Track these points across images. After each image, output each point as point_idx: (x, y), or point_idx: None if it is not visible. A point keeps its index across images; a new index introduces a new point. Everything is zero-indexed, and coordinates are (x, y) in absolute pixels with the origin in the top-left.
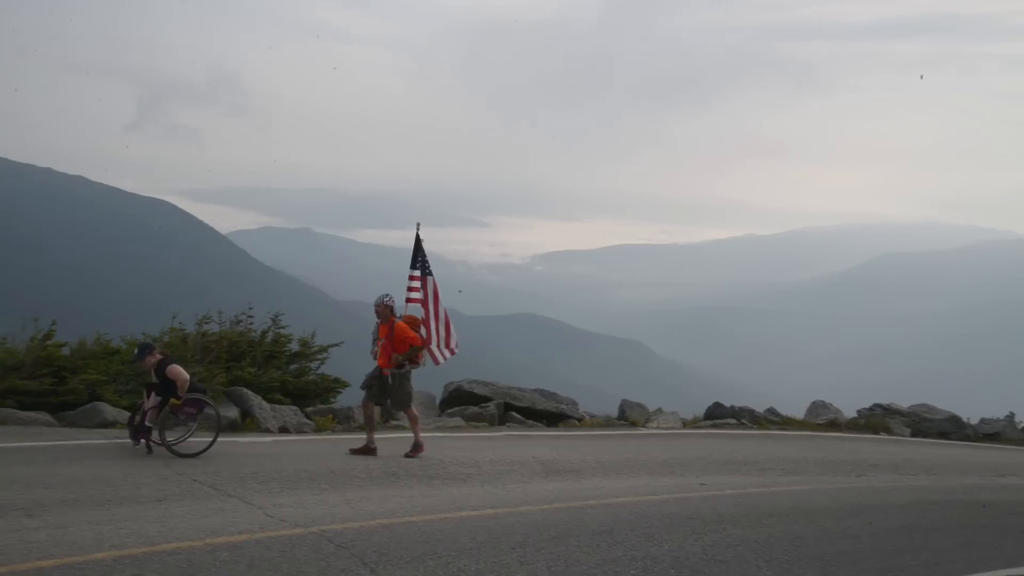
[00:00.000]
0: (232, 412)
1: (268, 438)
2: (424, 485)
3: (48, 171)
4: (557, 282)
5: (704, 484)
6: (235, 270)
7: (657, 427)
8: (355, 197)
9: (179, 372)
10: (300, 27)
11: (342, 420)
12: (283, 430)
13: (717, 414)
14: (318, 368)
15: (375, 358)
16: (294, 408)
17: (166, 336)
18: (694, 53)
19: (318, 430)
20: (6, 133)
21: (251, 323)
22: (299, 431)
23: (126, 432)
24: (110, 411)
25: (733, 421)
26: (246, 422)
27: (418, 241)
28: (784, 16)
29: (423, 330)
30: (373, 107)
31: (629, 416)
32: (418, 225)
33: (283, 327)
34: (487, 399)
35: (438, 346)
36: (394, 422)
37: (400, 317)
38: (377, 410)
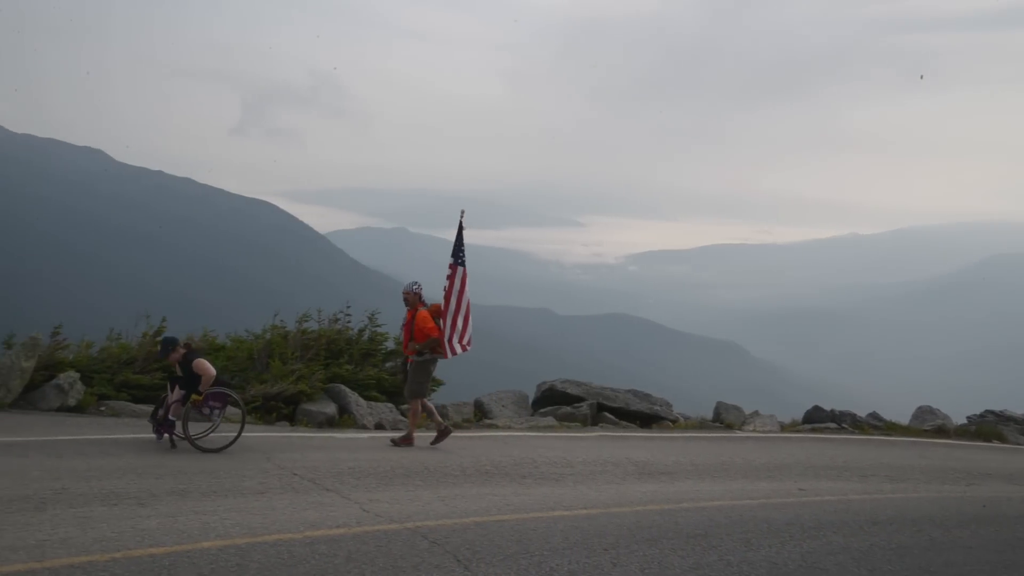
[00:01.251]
0: (330, 408)
1: (364, 434)
2: (517, 484)
3: (159, 173)
4: (651, 282)
5: (803, 489)
6: (333, 269)
7: (753, 430)
8: (450, 197)
9: (205, 367)
10: (399, 30)
11: None
12: (379, 427)
13: (816, 418)
14: None
15: (402, 345)
16: (389, 405)
17: (268, 334)
18: (799, 47)
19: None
20: (121, 138)
21: (348, 321)
22: (394, 428)
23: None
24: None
25: (833, 426)
26: (343, 418)
27: (460, 229)
28: (896, 8)
29: (441, 322)
30: (470, 108)
31: (724, 419)
32: (462, 213)
33: (379, 326)
34: (580, 399)
35: (451, 339)
36: (487, 421)
37: (427, 306)
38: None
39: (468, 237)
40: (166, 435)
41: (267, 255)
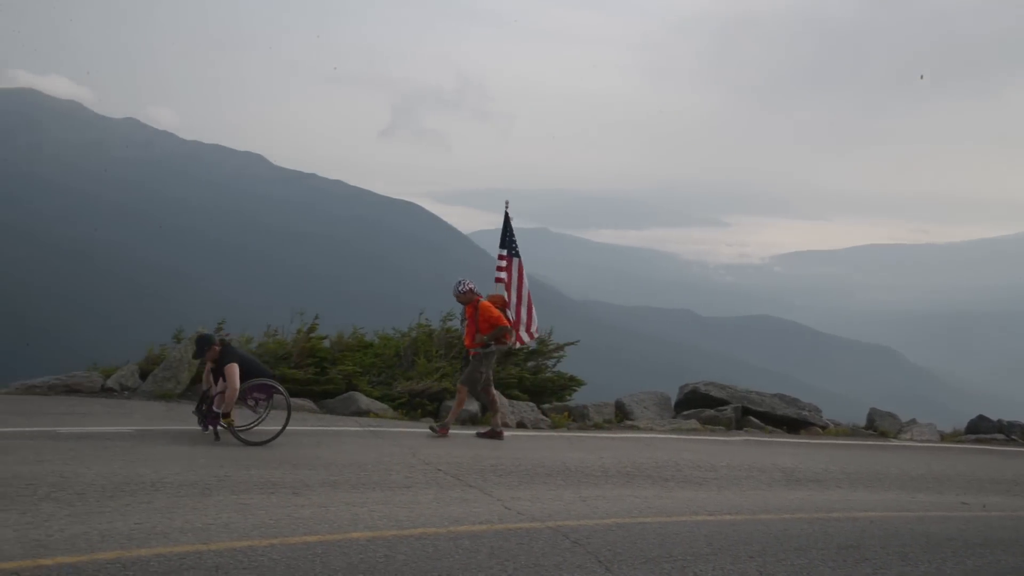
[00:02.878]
0: (473, 406)
1: (507, 432)
2: (659, 487)
3: (313, 176)
4: (798, 284)
5: (966, 503)
6: (476, 269)
7: (911, 439)
8: (591, 197)
9: (232, 379)
10: (543, 31)
11: (578, 418)
12: (520, 425)
13: (981, 428)
14: (554, 366)
15: (463, 339)
16: (531, 404)
17: (413, 332)
18: (963, 36)
19: (554, 427)
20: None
21: None
22: (535, 427)
23: (380, 421)
24: (364, 401)
25: (1001, 437)
26: (485, 416)
27: (507, 220)
28: None
29: (508, 312)
30: (612, 106)
31: (878, 426)
32: (507, 203)
33: None
34: (724, 402)
35: (518, 329)
36: (628, 422)
37: (485, 296)
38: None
39: (609, 238)
40: (211, 427)
41: (413, 255)
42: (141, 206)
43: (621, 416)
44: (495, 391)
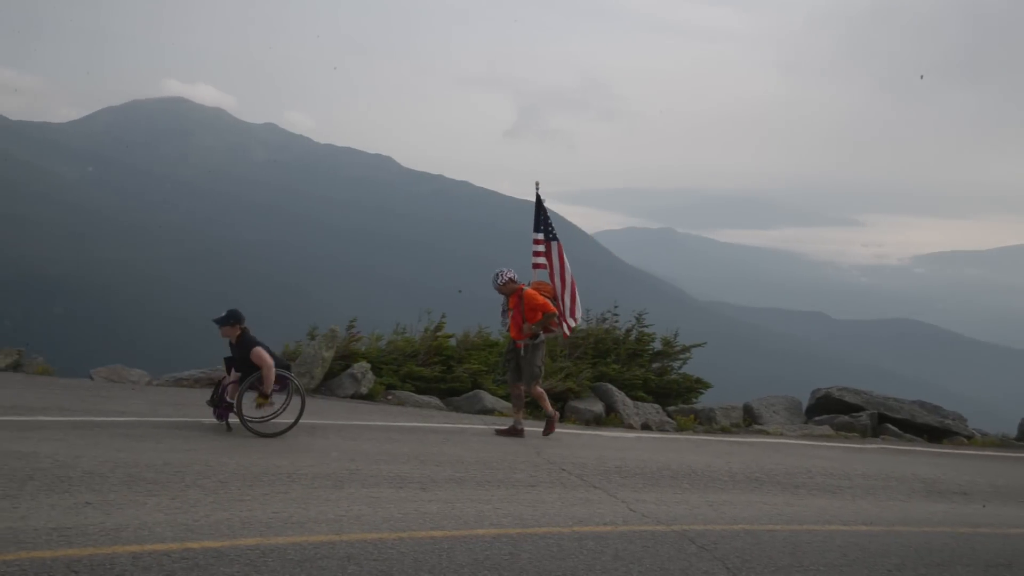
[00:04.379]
0: (597, 407)
1: (631, 434)
2: (789, 494)
3: (440, 177)
4: (941, 286)
5: None
6: (600, 270)
7: None
8: (718, 197)
9: (263, 357)
10: (669, 27)
11: (704, 421)
12: (645, 427)
13: None
14: (680, 368)
15: (506, 331)
16: (656, 406)
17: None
18: None
19: (679, 429)
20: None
21: (616, 321)
22: (660, 429)
23: (504, 420)
24: (489, 399)
25: None
26: (610, 417)
27: (539, 202)
28: None
29: (552, 301)
30: (739, 104)
31: None
32: (537, 184)
33: (646, 326)
34: (858, 408)
35: (564, 316)
36: (756, 426)
37: (528, 284)
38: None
39: (736, 238)
40: (225, 419)
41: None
42: (278, 207)
43: (749, 420)
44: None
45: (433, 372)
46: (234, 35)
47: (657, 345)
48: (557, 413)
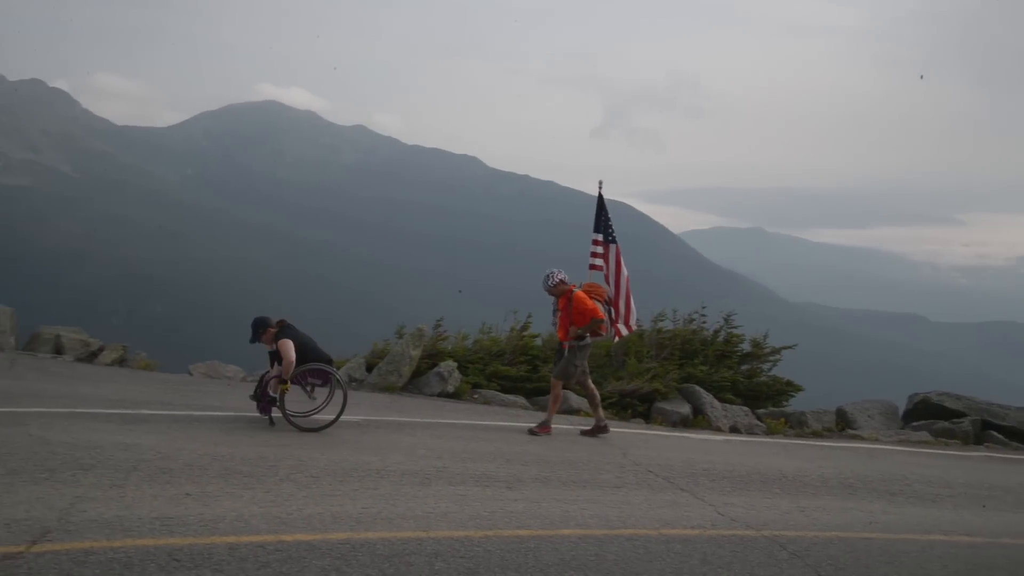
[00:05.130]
0: (684, 408)
1: (719, 436)
2: (885, 501)
3: (525, 177)
4: None
5: None
6: (687, 270)
7: None
8: (810, 195)
9: (287, 350)
10: (756, 24)
11: (795, 424)
12: (733, 430)
13: None
14: (770, 370)
15: (555, 330)
16: (745, 408)
17: None
18: None
19: (769, 432)
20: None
21: (704, 322)
22: (749, 432)
23: (590, 420)
24: (574, 399)
25: None
26: (697, 419)
27: (601, 202)
28: None
29: (603, 305)
30: (832, 100)
31: None
32: (600, 183)
33: (735, 327)
34: (959, 414)
35: (616, 321)
36: (850, 431)
37: (580, 286)
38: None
39: (828, 237)
40: (266, 413)
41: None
42: (368, 207)
43: (842, 425)
44: (592, 384)
45: (519, 371)
46: (324, 39)
47: (746, 346)
48: (551, 429)
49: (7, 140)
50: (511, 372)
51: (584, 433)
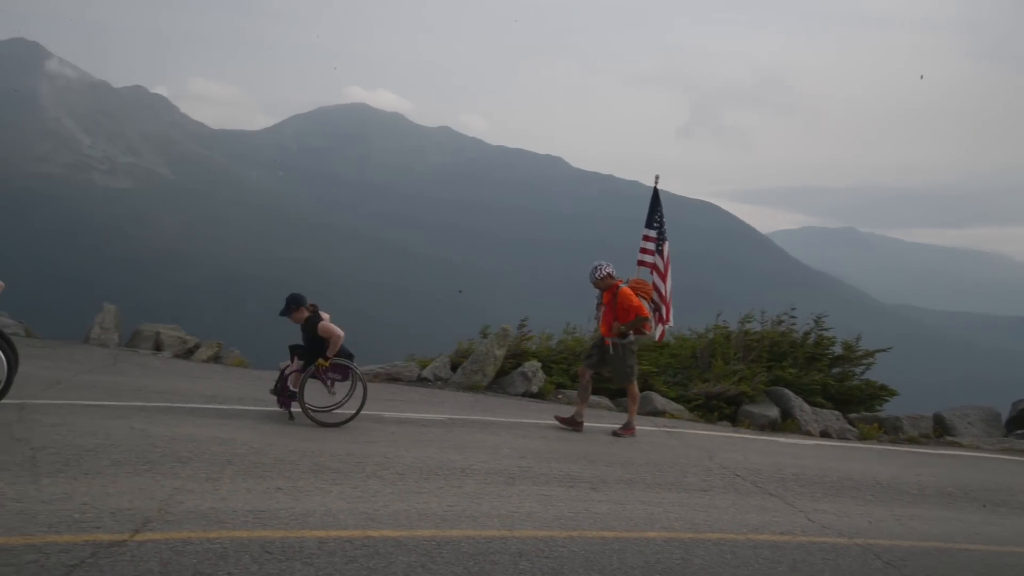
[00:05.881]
0: (773, 412)
1: (808, 441)
2: (988, 512)
3: (609, 177)
4: None
5: None
6: (776, 270)
7: None
8: (905, 194)
9: (331, 329)
10: (847, 18)
11: (889, 430)
12: (824, 434)
13: None
14: (862, 373)
15: (597, 324)
16: (836, 413)
17: (710, 333)
18: None
19: (862, 438)
20: (576, 145)
21: (793, 324)
22: (841, 437)
23: (675, 422)
24: (660, 400)
25: None
26: (786, 422)
27: (656, 197)
28: None
29: (648, 303)
30: (927, 95)
31: None
32: (656, 178)
33: (826, 329)
34: None
35: (662, 319)
36: (949, 438)
37: (626, 281)
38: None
39: (925, 237)
40: (287, 408)
41: (710, 256)
42: (452, 208)
43: (940, 431)
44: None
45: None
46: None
47: (837, 349)
48: (636, 431)
49: (112, 144)
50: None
51: (560, 420)
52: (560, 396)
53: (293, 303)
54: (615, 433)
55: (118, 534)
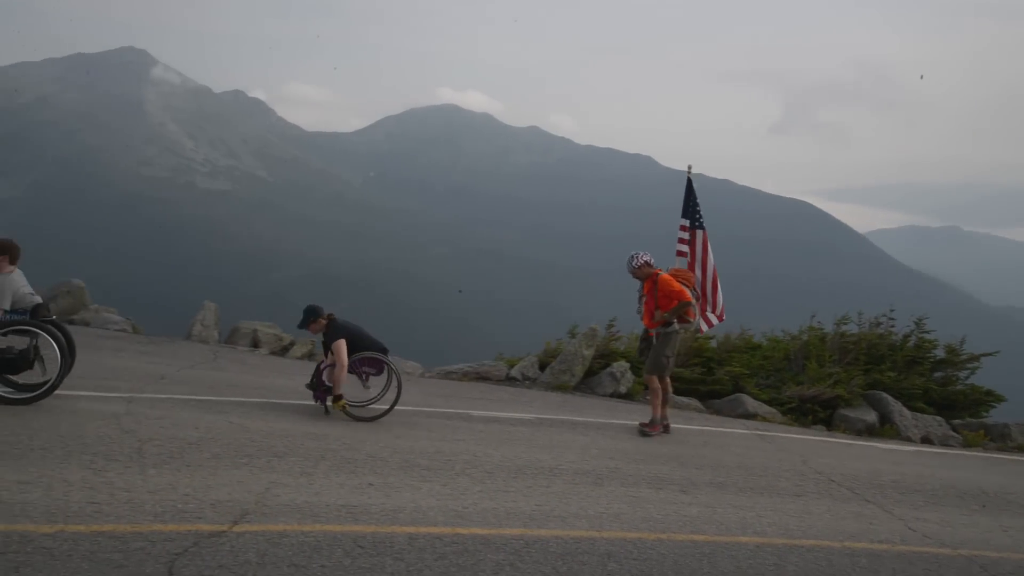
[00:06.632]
0: (870, 416)
1: (908, 447)
2: None
3: (699, 176)
4: None
5: None
6: (874, 270)
7: None
8: (1013, 191)
9: (340, 354)
10: (951, 9)
11: (996, 437)
12: (925, 440)
13: None
14: (967, 378)
15: (640, 317)
16: (938, 419)
17: (804, 334)
18: None
19: (966, 445)
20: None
21: (892, 326)
22: (943, 443)
23: (767, 425)
24: (751, 403)
25: None
26: (885, 428)
27: (690, 187)
28: None
29: (690, 290)
30: None
31: None
32: (689, 168)
33: (927, 332)
34: None
35: (704, 310)
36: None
37: (665, 270)
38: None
39: None
40: (320, 401)
41: (803, 255)
42: (541, 208)
43: None
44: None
45: (693, 373)
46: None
47: (940, 353)
48: (667, 423)
49: (213, 148)
50: (685, 374)
51: (643, 427)
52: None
53: (311, 315)
54: (642, 432)
55: (218, 525)
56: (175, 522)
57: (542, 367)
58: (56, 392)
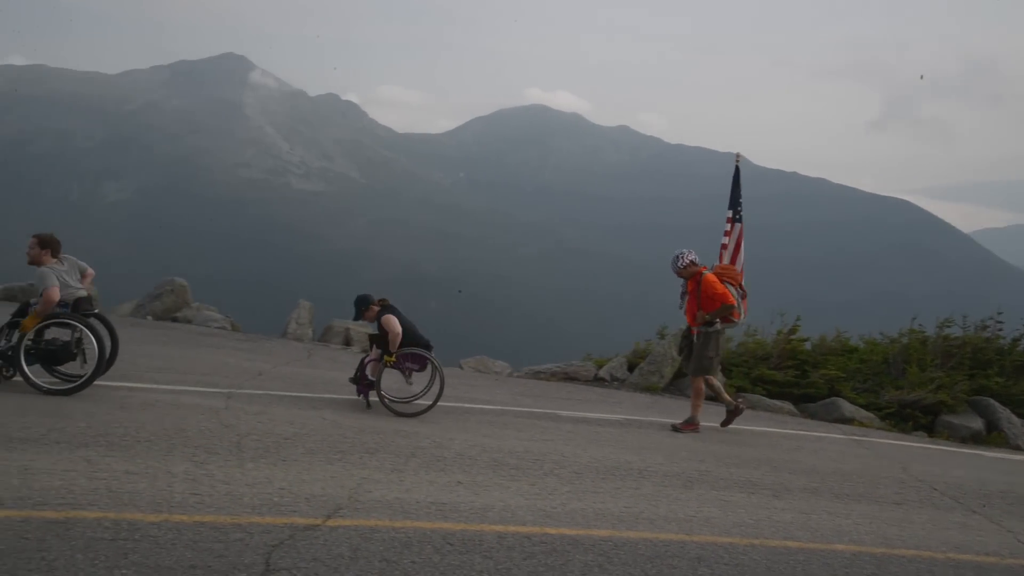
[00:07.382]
0: (975, 423)
1: (1018, 456)
2: None
3: (793, 175)
4: None
5: None
6: (980, 272)
7: None
8: None
9: (392, 324)
10: None
11: None
12: None
13: None
14: None
15: (683, 313)
16: None
17: (904, 337)
18: None
19: None
20: (758, 142)
21: (999, 329)
22: None
23: (864, 430)
24: (848, 407)
25: None
26: (991, 435)
27: (737, 177)
28: None
29: (735, 289)
30: None
31: None
32: (738, 156)
33: None
34: None
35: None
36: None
37: (711, 268)
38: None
39: None
40: (363, 395)
41: (904, 256)
42: (631, 207)
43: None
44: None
45: (786, 376)
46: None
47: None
48: (699, 425)
49: (307, 150)
50: (777, 376)
51: (675, 428)
52: (740, 400)
53: (362, 304)
54: (675, 428)
55: (312, 518)
56: (272, 515)
57: (631, 368)
58: (162, 387)
